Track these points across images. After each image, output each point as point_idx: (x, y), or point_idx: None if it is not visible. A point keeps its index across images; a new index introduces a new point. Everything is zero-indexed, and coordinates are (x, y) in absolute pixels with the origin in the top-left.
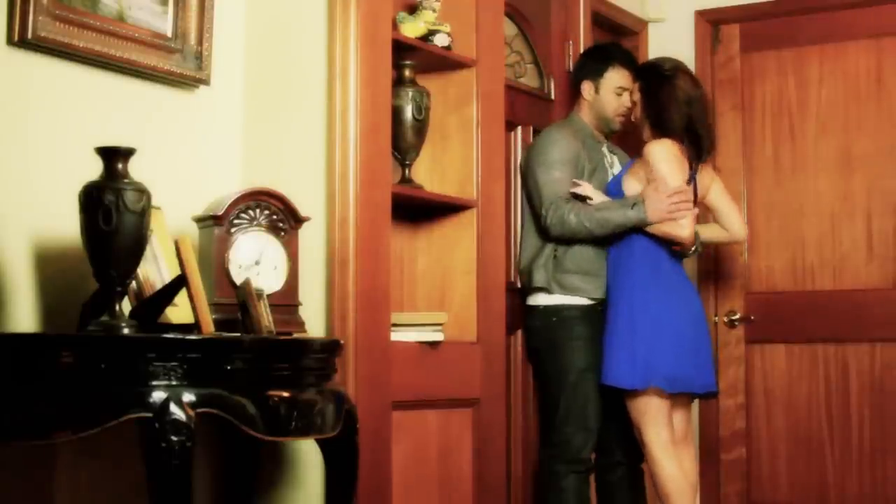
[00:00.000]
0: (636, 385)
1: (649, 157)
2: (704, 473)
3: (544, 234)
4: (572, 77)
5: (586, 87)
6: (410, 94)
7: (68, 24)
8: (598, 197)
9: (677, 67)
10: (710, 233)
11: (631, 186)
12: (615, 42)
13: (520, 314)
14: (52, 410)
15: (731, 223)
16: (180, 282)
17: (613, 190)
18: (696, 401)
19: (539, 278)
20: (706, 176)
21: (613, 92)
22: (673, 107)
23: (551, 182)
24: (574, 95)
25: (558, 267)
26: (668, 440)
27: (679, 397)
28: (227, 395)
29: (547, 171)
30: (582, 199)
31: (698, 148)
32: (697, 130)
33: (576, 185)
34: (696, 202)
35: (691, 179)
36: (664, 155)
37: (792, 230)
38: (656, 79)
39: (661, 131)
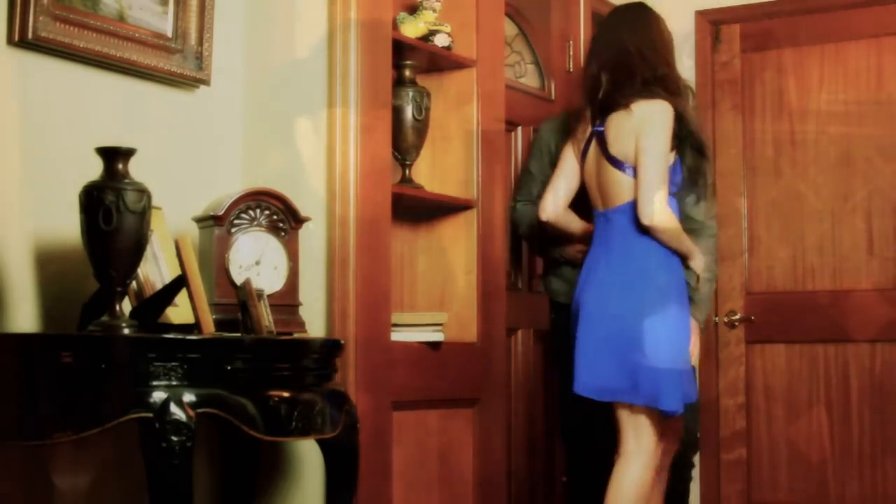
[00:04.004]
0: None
1: None
2: (704, 473)
3: None
4: None
5: None
6: (410, 94)
7: (68, 24)
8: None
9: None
10: None
11: None
12: None
13: (522, 313)
14: (53, 411)
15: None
16: (180, 282)
17: None
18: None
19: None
20: (626, 127)
21: None
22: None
23: (523, 173)
24: None
25: (545, 266)
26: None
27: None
28: (228, 396)
29: (527, 163)
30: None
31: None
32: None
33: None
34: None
35: (591, 140)
36: None
37: (792, 230)
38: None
39: None
